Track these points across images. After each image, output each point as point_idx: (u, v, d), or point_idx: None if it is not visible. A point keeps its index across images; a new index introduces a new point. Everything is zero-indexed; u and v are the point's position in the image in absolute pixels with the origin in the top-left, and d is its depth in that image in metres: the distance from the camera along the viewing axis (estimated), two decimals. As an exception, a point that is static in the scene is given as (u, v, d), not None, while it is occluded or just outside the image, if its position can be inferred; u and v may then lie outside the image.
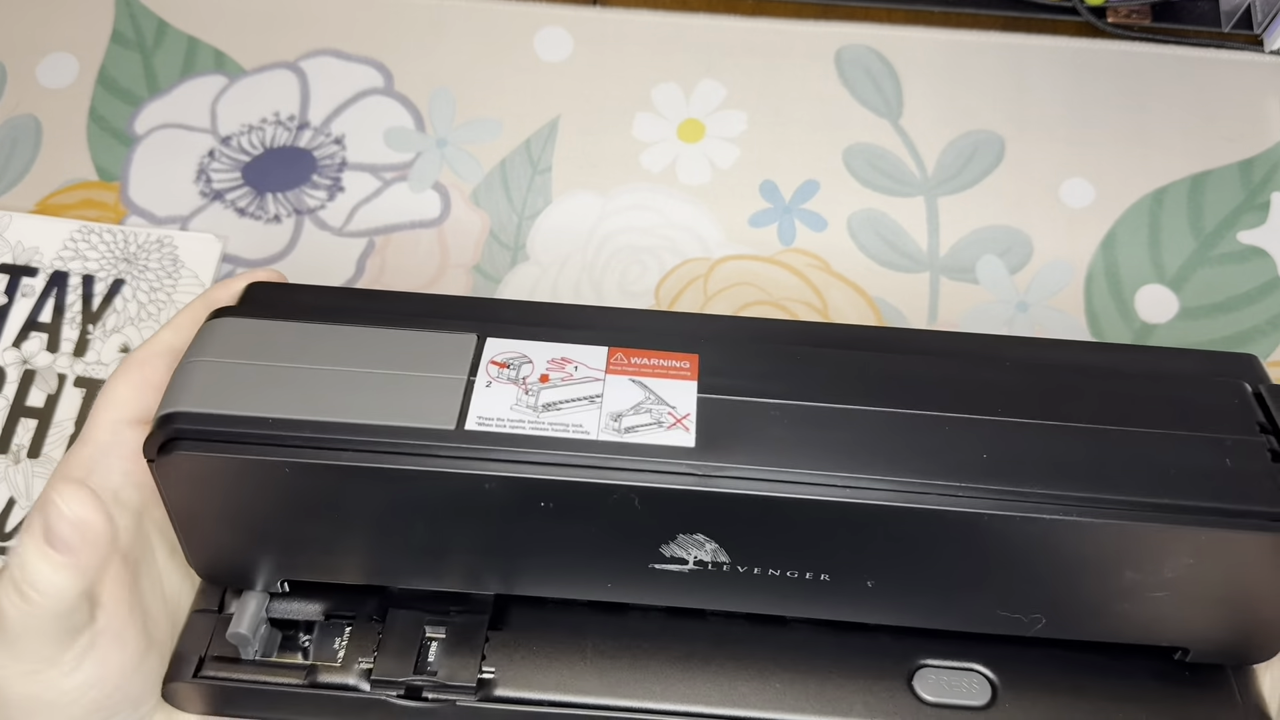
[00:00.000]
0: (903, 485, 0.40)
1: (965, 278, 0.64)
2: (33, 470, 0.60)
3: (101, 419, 0.42)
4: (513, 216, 0.66)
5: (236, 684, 0.44)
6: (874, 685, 0.46)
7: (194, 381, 0.40)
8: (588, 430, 0.40)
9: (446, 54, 0.71)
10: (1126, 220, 0.66)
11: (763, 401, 0.41)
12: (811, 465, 0.40)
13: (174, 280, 0.64)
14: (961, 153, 0.67)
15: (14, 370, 0.62)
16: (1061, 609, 0.45)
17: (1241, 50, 0.70)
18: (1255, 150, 0.67)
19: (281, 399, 0.39)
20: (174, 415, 0.39)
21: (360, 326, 0.42)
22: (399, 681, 0.44)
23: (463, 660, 0.45)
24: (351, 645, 0.45)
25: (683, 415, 0.41)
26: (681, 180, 0.67)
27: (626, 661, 0.46)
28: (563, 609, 0.47)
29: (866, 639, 0.47)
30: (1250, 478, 0.41)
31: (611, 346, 0.42)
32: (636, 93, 0.69)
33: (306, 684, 0.45)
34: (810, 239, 0.65)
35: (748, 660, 0.46)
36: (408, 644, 0.45)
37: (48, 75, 0.70)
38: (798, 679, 0.46)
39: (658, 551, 0.42)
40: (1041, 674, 0.47)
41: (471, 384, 0.40)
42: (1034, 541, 0.41)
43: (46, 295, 0.63)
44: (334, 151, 0.68)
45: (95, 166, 0.68)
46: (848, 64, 0.70)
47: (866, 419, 0.41)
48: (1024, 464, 0.40)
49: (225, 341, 0.41)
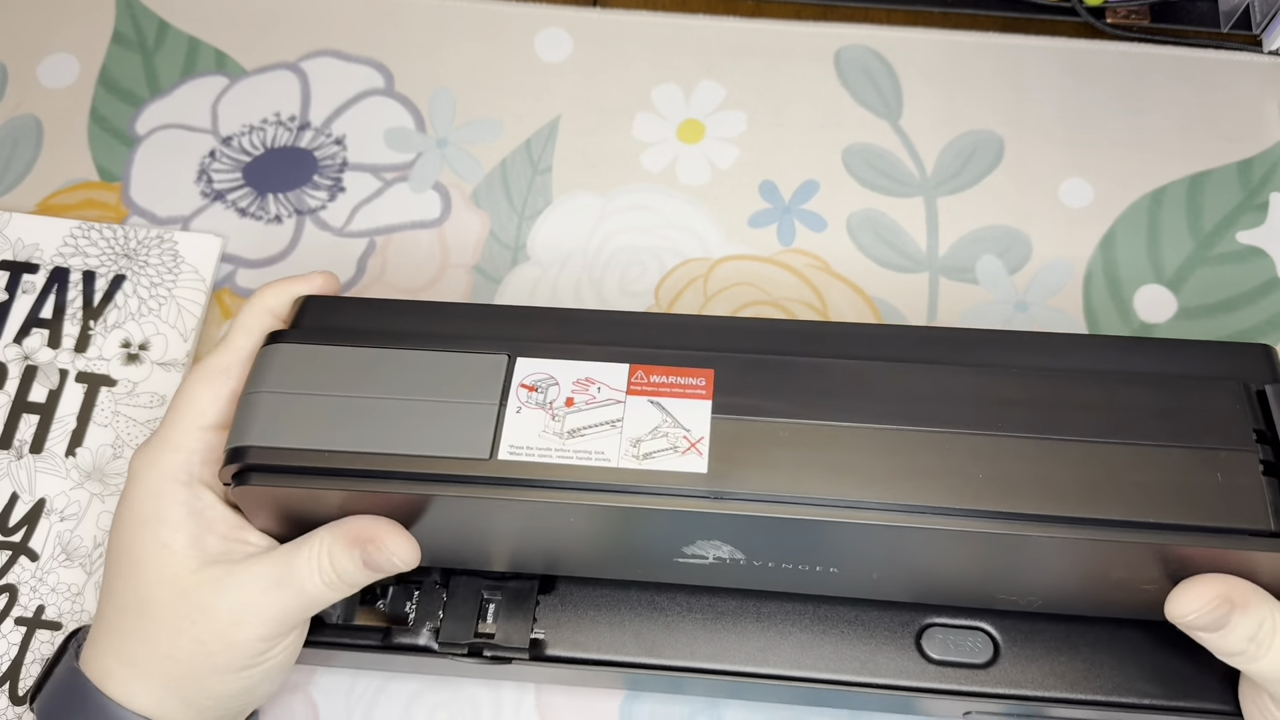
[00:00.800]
0: (903, 508, 0.43)
1: (964, 278, 0.64)
2: (35, 466, 0.60)
3: (186, 423, 0.48)
4: (513, 217, 0.66)
5: (324, 644, 0.53)
6: (884, 644, 0.52)
7: (258, 415, 0.45)
8: (609, 458, 0.44)
9: (447, 54, 0.71)
10: (1125, 220, 0.66)
11: (773, 422, 0.44)
12: (816, 489, 0.43)
13: (174, 276, 0.64)
14: (960, 153, 0.68)
15: (15, 366, 0.62)
16: (1056, 595, 0.49)
17: (1240, 51, 0.70)
18: (1254, 150, 0.67)
19: (336, 433, 0.45)
20: (243, 450, 0.45)
21: (402, 350, 0.46)
22: (463, 643, 0.52)
23: (517, 624, 0.52)
24: (420, 608, 0.53)
25: (697, 439, 0.44)
26: (681, 180, 0.67)
27: (660, 625, 0.53)
28: (603, 581, 0.54)
29: (879, 603, 0.53)
30: (1239, 493, 0.42)
31: (632, 364, 0.46)
32: (636, 93, 0.70)
33: (383, 644, 0.53)
34: (810, 239, 0.66)
35: (768, 624, 0.52)
36: (469, 608, 0.53)
37: (49, 75, 0.71)
38: (813, 639, 0.52)
39: (680, 550, 0.47)
40: (1041, 634, 0.51)
41: (503, 411, 0.45)
42: (1028, 553, 0.44)
43: (47, 292, 0.63)
44: (335, 152, 0.68)
45: (96, 167, 0.68)
46: (847, 65, 0.70)
47: (870, 438, 0.44)
48: (1018, 484, 0.43)
49: (283, 373, 0.46)
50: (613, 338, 0.47)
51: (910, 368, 0.45)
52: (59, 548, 0.58)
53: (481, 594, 0.53)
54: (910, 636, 0.52)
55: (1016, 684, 0.51)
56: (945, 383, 0.45)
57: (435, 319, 0.49)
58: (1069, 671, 0.50)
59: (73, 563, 0.58)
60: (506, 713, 0.56)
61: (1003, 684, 0.51)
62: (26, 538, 0.59)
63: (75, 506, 0.59)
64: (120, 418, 0.61)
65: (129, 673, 0.47)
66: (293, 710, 0.56)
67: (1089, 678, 0.50)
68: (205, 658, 0.46)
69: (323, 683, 0.57)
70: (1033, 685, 0.50)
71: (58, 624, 0.57)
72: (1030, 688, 0.50)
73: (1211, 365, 0.46)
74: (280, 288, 0.50)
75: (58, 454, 0.60)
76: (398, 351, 0.46)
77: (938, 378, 0.45)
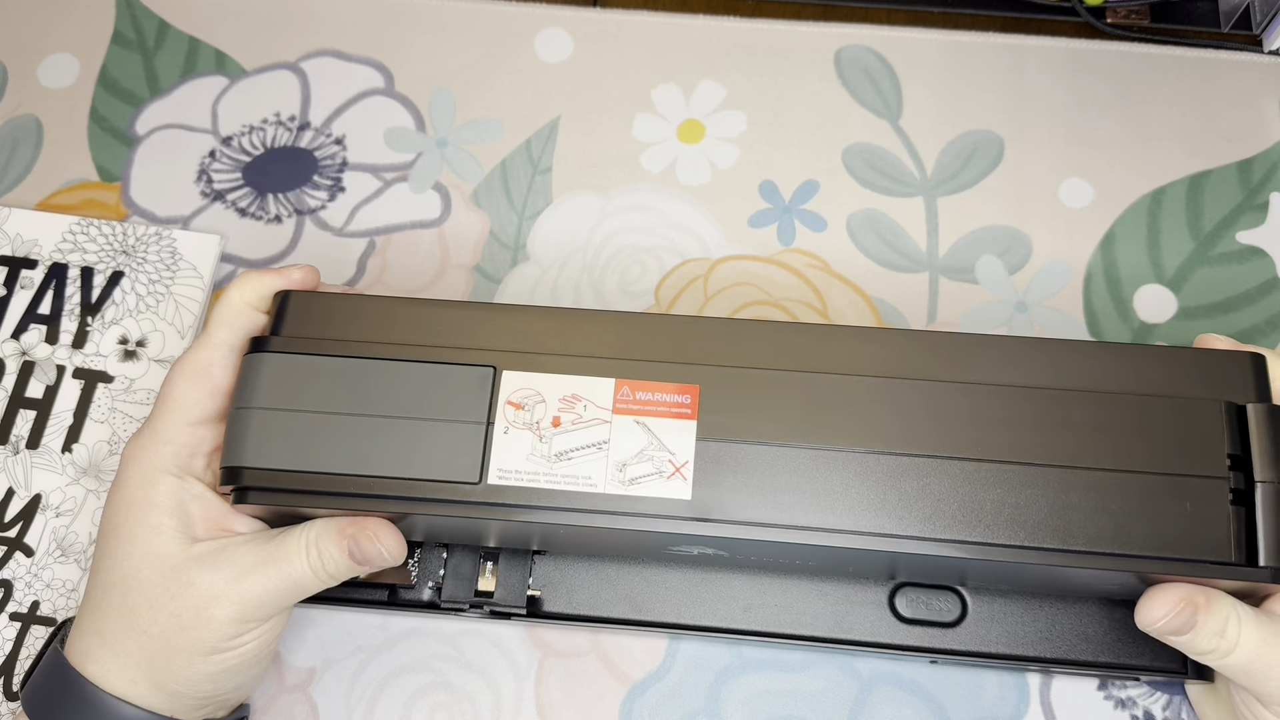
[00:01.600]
0: (877, 533, 0.45)
1: (964, 278, 0.64)
2: (31, 461, 0.60)
3: (174, 418, 0.49)
4: (513, 217, 0.66)
5: (333, 599, 0.55)
6: (859, 604, 0.55)
7: (249, 433, 0.47)
8: (595, 483, 0.46)
9: (447, 55, 0.71)
10: (1125, 220, 0.66)
11: (755, 446, 0.46)
12: (796, 516, 0.45)
13: (172, 273, 0.64)
14: (960, 153, 0.67)
15: (13, 362, 0.62)
16: (1025, 589, 0.54)
17: (1240, 50, 0.70)
18: (1254, 150, 0.67)
19: (327, 453, 0.46)
20: (239, 471, 0.47)
21: (387, 361, 0.48)
22: (464, 601, 0.54)
23: (514, 583, 0.55)
24: (422, 568, 0.55)
25: (681, 464, 0.46)
26: (681, 181, 0.67)
27: (648, 585, 0.55)
28: None
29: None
30: (1206, 523, 0.45)
31: (619, 379, 0.47)
32: (636, 93, 0.70)
33: (389, 600, 0.55)
34: (810, 239, 0.65)
35: (750, 583, 0.55)
36: (469, 568, 0.55)
37: (49, 76, 0.71)
38: (790, 600, 0.55)
39: (666, 549, 0.50)
40: (1008, 595, 0.54)
41: (490, 432, 0.46)
42: (998, 570, 0.47)
43: (45, 287, 0.63)
44: (335, 152, 0.68)
45: (96, 167, 0.68)
46: (847, 65, 0.70)
47: (849, 464, 0.46)
48: (991, 514, 0.45)
49: (270, 387, 0.48)
50: (598, 344, 0.48)
51: (891, 385, 0.47)
52: (54, 543, 0.58)
53: (480, 554, 0.55)
54: (884, 595, 0.55)
55: (983, 642, 0.54)
56: (930, 402, 0.46)
57: (417, 321, 0.49)
58: (1031, 633, 0.54)
59: (68, 558, 0.58)
60: (506, 713, 0.56)
61: (969, 642, 0.54)
62: (22, 533, 0.58)
63: (71, 502, 0.59)
64: (117, 414, 0.61)
65: (106, 651, 0.48)
66: (293, 710, 0.56)
67: (1050, 639, 0.53)
68: (179, 633, 0.47)
69: (323, 683, 0.56)
70: (997, 644, 0.54)
71: (52, 620, 0.57)
72: (995, 646, 0.53)
73: (1196, 378, 0.47)
74: (258, 281, 0.51)
75: (54, 450, 0.60)
76: (383, 363, 0.48)
77: (923, 397, 0.47)
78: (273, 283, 0.51)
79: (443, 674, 0.56)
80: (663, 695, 0.56)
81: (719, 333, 0.48)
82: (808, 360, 0.47)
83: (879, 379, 0.47)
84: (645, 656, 0.57)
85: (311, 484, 0.46)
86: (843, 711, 0.55)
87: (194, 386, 0.49)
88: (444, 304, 0.50)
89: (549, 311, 0.49)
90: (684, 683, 0.56)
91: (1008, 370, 0.47)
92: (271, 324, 0.50)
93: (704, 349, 0.48)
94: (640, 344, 0.48)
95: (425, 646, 0.57)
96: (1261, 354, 0.47)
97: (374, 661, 0.57)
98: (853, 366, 0.47)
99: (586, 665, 0.57)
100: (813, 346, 0.48)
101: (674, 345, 0.48)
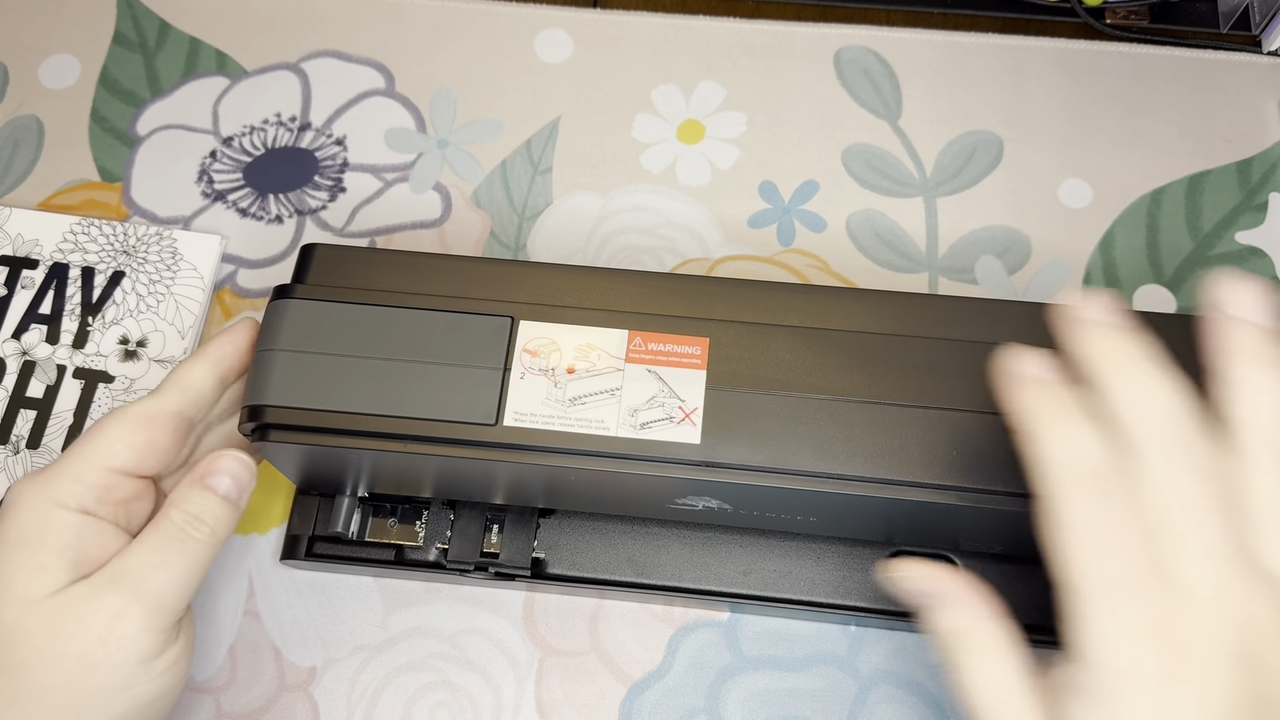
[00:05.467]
0: (879, 479, 0.46)
1: (964, 278, 0.64)
2: (32, 461, 0.60)
3: (92, 459, 0.47)
4: (513, 217, 0.66)
5: (341, 559, 0.57)
6: (855, 570, 0.56)
7: (273, 372, 0.48)
8: (608, 427, 0.47)
9: (447, 55, 0.71)
10: (1124, 220, 0.66)
11: (762, 395, 0.47)
12: (803, 462, 0.47)
13: (173, 273, 0.64)
14: (960, 153, 0.68)
15: (14, 361, 0.62)
16: (1017, 546, 0.53)
17: (1239, 51, 0.70)
18: (1253, 151, 0.67)
19: (348, 394, 0.47)
20: (261, 409, 0.47)
21: (408, 309, 0.49)
22: (470, 561, 0.56)
23: (519, 545, 0.56)
24: (429, 528, 0.57)
25: (691, 410, 0.47)
26: (681, 181, 0.67)
27: (650, 548, 0.57)
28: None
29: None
30: None
31: (631, 330, 0.48)
32: (636, 94, 0.70)
33: (395, 561, 0.57)
34: (809, 239, 0.66)
35: (750, 548, 0.57)
36: (475, 529, 0.56)
37: (50, 76, 0.71)
38: (788, 565, 0.56)
39: (672, 500, 0.51)
40: (1000, 562, 0.55)
41: (507, 377, 0.47)
42: (994, 519, 0.48)
43: (46, 287, 0.63)
44: (335, 152, 0.68)
45: (97, 167, 0.68)
46: (847, 65, 0.70)
47: (852, 413, 0.47)
48: (991, 462, 0.46)
49: (293, 330, 0.48)
50: (613, 299, 0.49)
51: (893, 342, 0.48)
52: (57, 544, 0.58)
53: (486, 516, 0.56)
54: (880, 560, 0.56)
55: None
56: (929, 356, 0.48)
57: (438, 274, 0.50)
58: (1024, 600, 0.53)
59: (70, 559, 0.58)
60: (507, 712, 0.56)
61: None
62: (24, 534, 0.58)
63: (73, 503, 0.59)
64: (119, 415, 0.61)
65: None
66: (293, 710, 0.56)
67: (1040, 607, 0.53)
68: (88, 672, 0.43)
69: (323, 682, 0.56)
70: None
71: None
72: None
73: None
74: (218, 353, 0.51)
75: (55, 450, 0.60)
76: (404, 311, 0.48)
77: (918, 351, 0.48)
78: (227, 352, 0.51)
79: (443, 673, 0.57)
80: (663, 694, 0.56)
81: (727, 291, 0.49)
82: (810, 317, 0.49)
83: (876, 335, 0.48)
84: (645, 655, 0.57)
85: (332, 423, 0.47)
86: (843, 711, 0.56)
87: (129, 433, 0.47)
88: (464, 259, 0.51)
89: (565, 268, 0.50)
90: (684, 682, 0.56)
91: (999, 330, 0.48)
92: (295, 273, 0.51)
93: (713, 305, 0.49)
94: (653, 300, 0.49)
95: (425, 646, 0.57)
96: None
97: (374, 661, 0.57)
98: (852, 324, 0.48)
99: (586, 664, 0.57)
100: (814, 305, 0.49)
101: (685, 302, 0.49)
